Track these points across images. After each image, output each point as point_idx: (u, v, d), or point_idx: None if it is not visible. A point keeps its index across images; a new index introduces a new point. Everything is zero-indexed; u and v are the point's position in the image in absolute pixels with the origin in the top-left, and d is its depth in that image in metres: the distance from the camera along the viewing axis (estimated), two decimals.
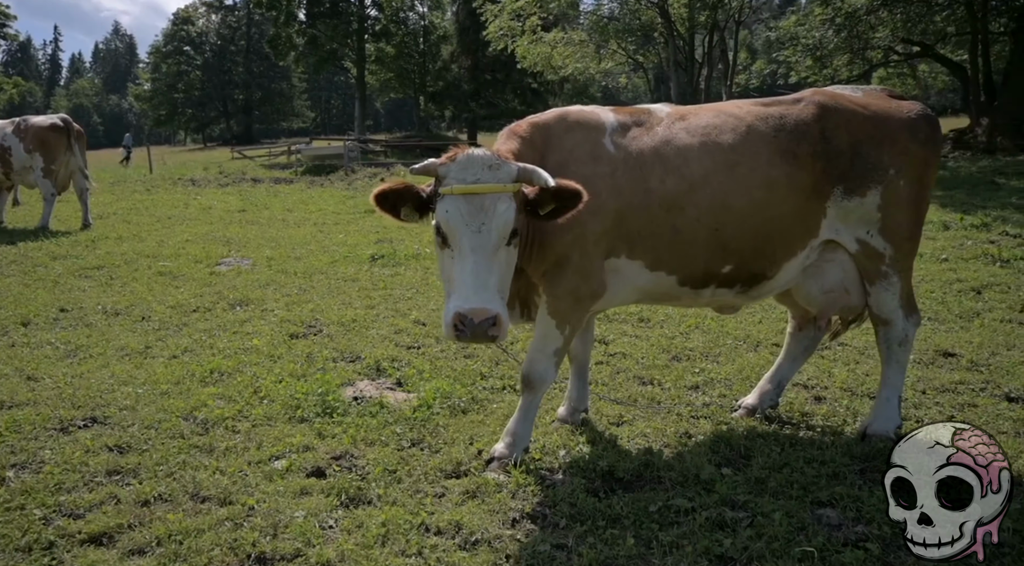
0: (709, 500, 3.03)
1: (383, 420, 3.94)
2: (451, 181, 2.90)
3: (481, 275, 2.81)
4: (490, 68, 44.83)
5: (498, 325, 2.78)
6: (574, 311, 3.35)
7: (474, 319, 2.74)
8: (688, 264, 3.36)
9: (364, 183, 20.03)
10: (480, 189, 2.85)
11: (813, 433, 3.74)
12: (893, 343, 3.60)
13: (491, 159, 2.91)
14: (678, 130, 3.37)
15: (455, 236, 2.86)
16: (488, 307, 2.76)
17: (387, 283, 7.54)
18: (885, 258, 3.46)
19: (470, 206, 2.83)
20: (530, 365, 3.43)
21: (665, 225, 3.28)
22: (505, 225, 2.85)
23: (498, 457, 3.42)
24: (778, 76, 27.68)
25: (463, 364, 4.96)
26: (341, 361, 5.09)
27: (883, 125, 3.40)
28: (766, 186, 3.28)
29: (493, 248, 2.85)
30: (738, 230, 3.29)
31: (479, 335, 2.77)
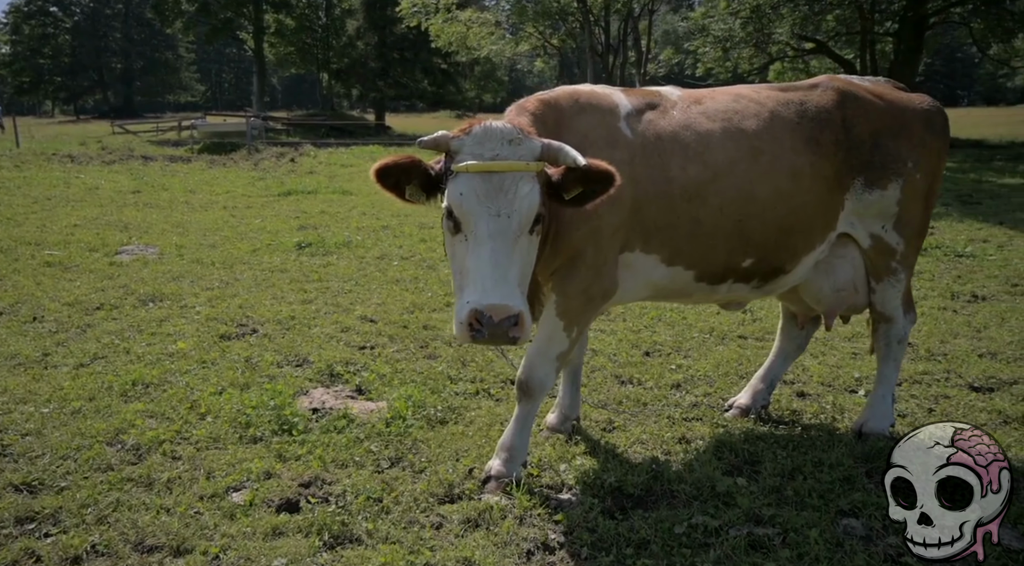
0: (732, 515, 2.83)
1: (352, 436, 3.48)
2: (466, 157, 2.51)
3: (501, 266, 2.44)
4: (398, 46, 43.35)
5: (520, 325, 2.42)
6: (584, 311, 3.03)
7: (493, 317, 2.37)
8: (708, 258, 3.11)
9: (272, 163, 18.76)
10: (500, 167, 2.48)
11: (810, 433, 3.63)
12: (893, 341, 3.53)
13: (512, 132, 2.55)
14: (696, 114, 3.10)
15: (471, 221, 2.48)
16: (509, 303, 2.39)
17: (320, 274, 6.92)
18: (896, 254, 3.37)
19: (488, 186, 2.46)
20: (530, 370, 3.08)
21: (686, 216, 3.01)
22: (529, 209, 2.49)
23: (495, 476, 3.07)
24: (686, 66, 28.48)
25: (426, 366, 4.54)
26: (287, 366, 4.54)
27: (900, 116, 3.28)
28: (791, 175, 3.08)
29: (514, 235, 2.48)
30: (762, 222, 3.07)
31: (498, 336, 2.40)
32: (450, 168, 2.55)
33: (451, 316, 5.61)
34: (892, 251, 3.37)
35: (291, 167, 17.92)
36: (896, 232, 3.34)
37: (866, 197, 3.25)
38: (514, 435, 3.14)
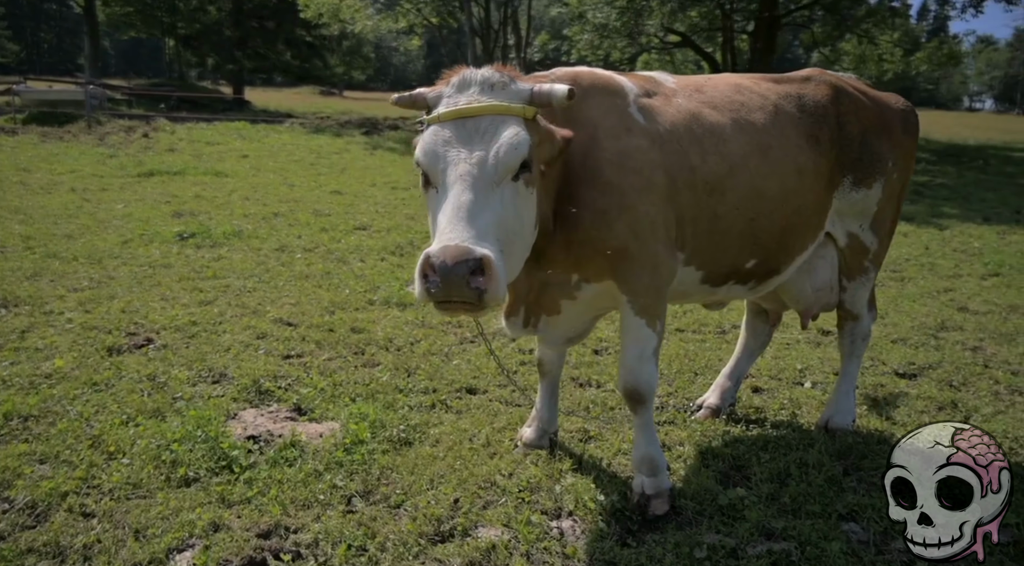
0: (744, 531, 2.71)
1: (309, 469, 3.00)
2: (440, 108, 2.22)
3: (465, 209, 2.03)
4: (256, 14, 40.22)
5: (487, 275, 1.93)
6: (658, 303, 2.75)
7: (446, 259, 1.90)
8: (718, 258, 2.94)
9: (121, 138, 16.64)
10: (475, 110, 2.17)
11: (781, 431, 3.63)
12: (858, 338, 3.60)
13: (495, 76, 2.26)
14: (701, 104, 2.90)
15: (439, 168, 2.15)
16: (466, 245, 1.94)
17: (214, 270, 6.12)
18: (869, 253, 3.40)
19: (460, 131, 2.16)
20: (634, 376, 2.78)
21: (707, 211, 2.80)
22: (509, 151, 2.13)
23: (654, 494, 2.82)
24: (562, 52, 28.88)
25: (368, 376, 4.07)
26: (201, 383, 3.89)
27: (883, 115, 3.30)
28: (796, 172, 2.98)
29: (490, 180, 2.12)
30: (769, 220, 2.94)
31: (456, 286, 1.91)
32: (421, 124, 2.27)
33: (379, 315, 5.17)
34: (866, 250, 3.41)
35: (145, 143, 16.01)
36: (871, 231, 3.38)
37: (852, 196, 3.24)
38: (647, 445, 2.88)
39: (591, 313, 2.97)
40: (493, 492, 2.96)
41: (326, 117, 24.96)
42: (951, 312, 5.98)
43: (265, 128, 19.91)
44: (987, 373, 4.59)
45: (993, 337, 5.41)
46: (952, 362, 4.76)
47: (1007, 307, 6.25)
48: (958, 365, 4.70)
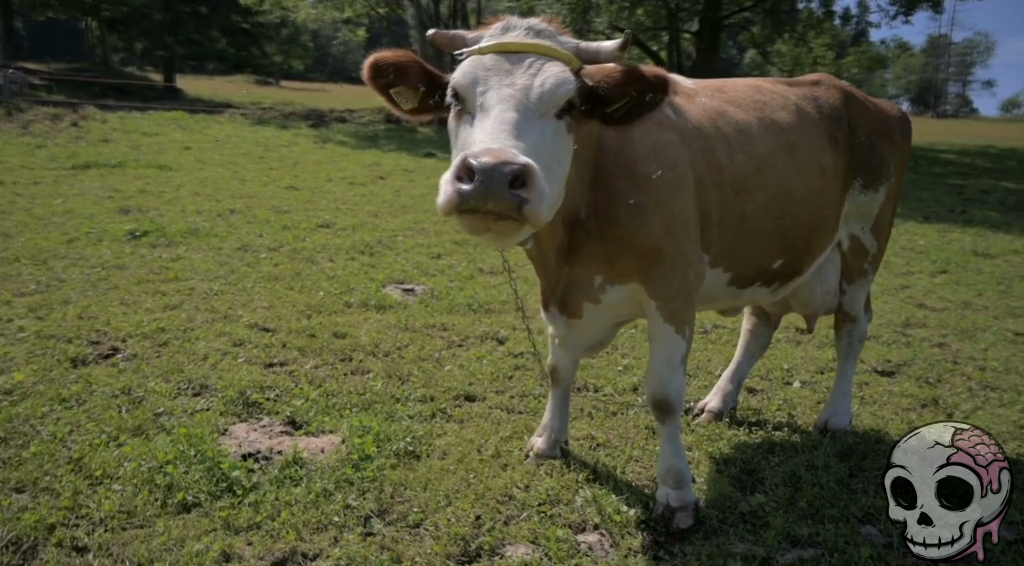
0: (772, 539, 2.71)
1: (318, 488, 2.82)
2: (483, 44, 2.07)
3: (509, 123, 1.87)
4: None
5: (529, 184, 1.73)
6: (687, 308, 2.68)
7: (488, 160, 1.69)
8: (746, 259, 2.91)
9: (46, 127, 15.59)
10: (520, 46, 2.02)
11: (783, 433, 3.67)
12: (855, 340, 3.66)
13: (542, 25, 2.12)
14: (725, 103, 2.86)
15: (477, 91, 1.97)
16: (512, 150, 1.76)
17: (174, 271, 5.77)
18: (869, 255, 3.46)
19: (506, 62, 2.00)
20: (663, 386, 2.71)
21: (735, 211, 2.76)
22: (555, 85, 1.97)
23: (679, 507, 2.76)
24: None
25: (360, 384, 3.90)
26: (182, 396, 3.63)
27: (884, 120, 3.35)
28: (820, 172, 2.98)
29: (534, 109, 1.95)
30: (796, 221, 2.93)
31: (494, 192, 1.69)
32: (459, 55, 2.10)
33: (360, 319, 4.98)
34: (866, 252, 3.47)
35: (76, 133, 15.05)
36: (872, 234, 3.44)
37: (860, 199, 3.29)
38: (673, 456, 2.82)
39: (613, 320, 2.91)
40: (512, 506, 2.86)
41: (268, 108, 24.11)
42: (912, 309, 6.23)
43: (205, 118, 19.06)
44: (958, 369, 4.78)
45: (955, 333, 5.66)
46: (924, 359, 4.94)
47: (961, 304, 6.56)
48: (930, 362, 4.89)
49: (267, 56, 43.19)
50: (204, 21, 38.45)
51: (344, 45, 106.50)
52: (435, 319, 5.11)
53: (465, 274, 6.34)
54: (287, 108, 24.34)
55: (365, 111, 22.79)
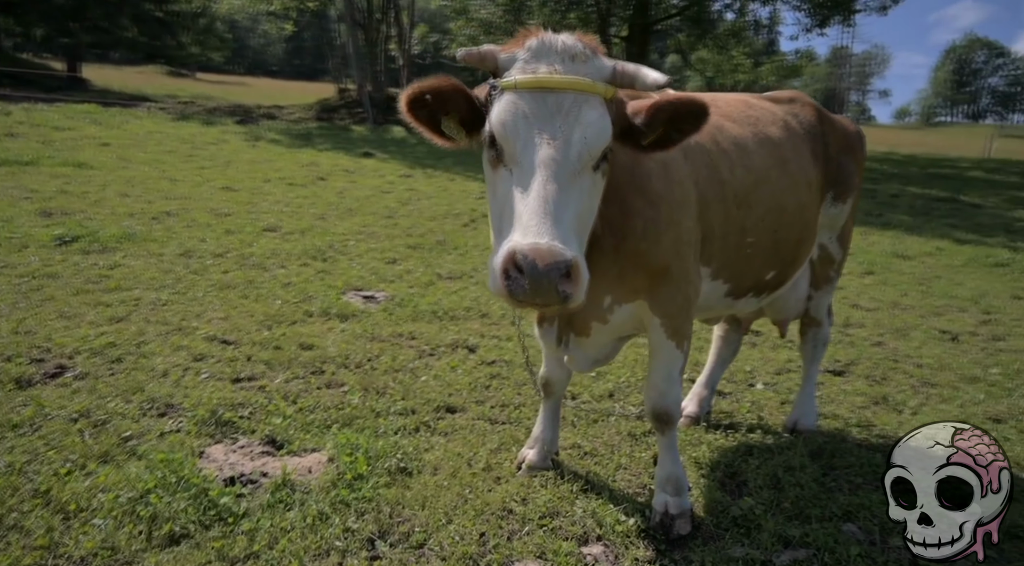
0: (766, 541, 2.80)
1: (313, 511, 2.72)
2: (515, 73, 2.01)
3: (552, 201, 1.85)
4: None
5: (574, 279, 1.78)
6: (687, 323, 2.73)
7: (537, 262, 1.73)
8: (745, 271, 2.98)
9: None
10: (558, 82, 1.96)
11: (756, 435, 3.81)
12: (820, 343, 3.85)
13: (577, 46, 2.04)
14: (722, 117, 2.93)
15: (517, 146, 1.95)
16: (558, 246, 1.78)
17: (115, 281, 5.41)
18: (835, 263, 3.64)
19: (543, 107, 1.95)
20: (663, 398, 2.75)
21: (736, 224, 2.82)
22: (595, 138, 1.96)
23: (678, 515, 2.81)
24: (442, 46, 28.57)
25: (336, 399, 3.78)
26: (147, 417, 3.42)
27: (848, 136, 3.52)
28: (807, 187, 3.10)
29: (573, 169, 1.94)
30: (787, 233, 3.03)
31: (544, 290, 1.75)
32: (495, 86, 2.03)
33: (324, 329, 4.82)
34: (833, 261, 3.65)
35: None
36: (838, 243, 3.62)
37: (832, 210, 3.45)
38: (672, 464, 2.88)
39: (617, 335, 2.93)
40: (513, 521, 2.85)
41: (188, 102, 22.98)
42: (849, 310, 6.60)
43: (121, 113, 17.94)
44: (899, 367, 5.11)
45: (890, 332, 6.04)
46: (868, 358, 5.25)
47: (890, 304, 7.01)
48: (874, 361, 5.20)
49: (183, 47, 41.06)
50: (113, 8, 36.09)
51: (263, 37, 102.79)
52: (401, 327, 5.01)
53: (424, 280, 6.25)
54: (209, 102, 23.28)
55: (294, 108, 22.08)
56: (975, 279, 8.36)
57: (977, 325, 6.48)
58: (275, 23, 32.95)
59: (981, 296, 7.51)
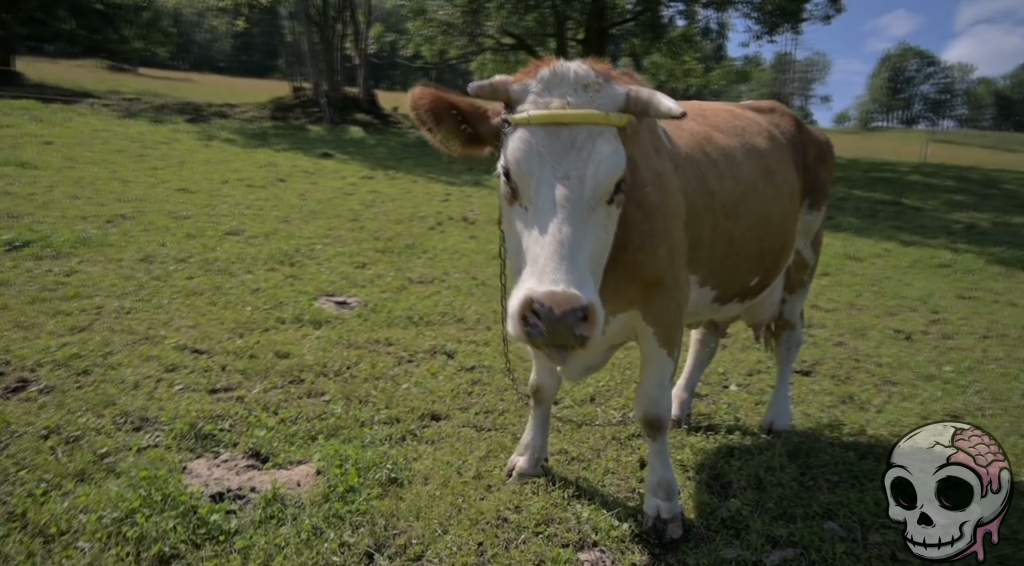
0: (756, 542, 2.88)
1: (306, 526, 2.67)
2: (528, 107, 2.02)
3: (567, 244, 1.89)
4: None
5: (590, 321, 1.84)
6: (679, 331, 2.78)
7: (554, 309, 1.79)
8: (732, 278, 3.05)
9: None
10: (571, 117, 1.97)
11: (735, 436, 3.90)
12: (793, 345, 3.98)
13: (589, 75, 2.05)
14: (710, 128, 2.99)
15: (531, 186, 1.97)
16: (575, 291, 1.83)
17: (73, 288, 5.19)
18: (808, 268, 3.76)
19: (556, 142, 1.97)
20: (655, 405, 2.79)
21: (724, 234, 2.88)
22: (609, 173, 1.98)
23: (671, 519, 2.85)
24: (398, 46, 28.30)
25: (318, 408, 3.72)
26: (122, 432, 3.29)
27: (821, 145, 3.64)
28: (790, 195, 3.19)
29: (587, 206, 1.97)
30: (772, 242, 3.11)
31: (561, 334, 1.81)
32: (507, 121, 2.05)
33: (298, 336, 4.73)
34: (806, 266, 3.77)
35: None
36: (811, 248, 3.75)
37: (808, 218, 3.57)
38: (664, 470, 2.93)
39: (610, 344, 2.96)
40: (509, 530, 2.85)
41: (134, 98, 22.14)
42: (810, 311, 6.82)
43: (63, 109, 17.17)
44: (861, 366, 5.31)
45: (849, 332, 6.28)
46: (832, 358, 5.44)
47: (847, 304, 7.28)
48: (838, 360, 5.39)
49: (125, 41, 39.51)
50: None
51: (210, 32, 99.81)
52: (377, 334, 4.95)
53: (396, 285, 6.19)
54: (156, 99, 22.49)
55: (247, 106, 21.53)
56: (922, 280, 8.76)
57: (927, 324, 6.79)
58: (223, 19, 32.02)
59: (929, 296, 7.87)
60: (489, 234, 8.96)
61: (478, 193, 12.18)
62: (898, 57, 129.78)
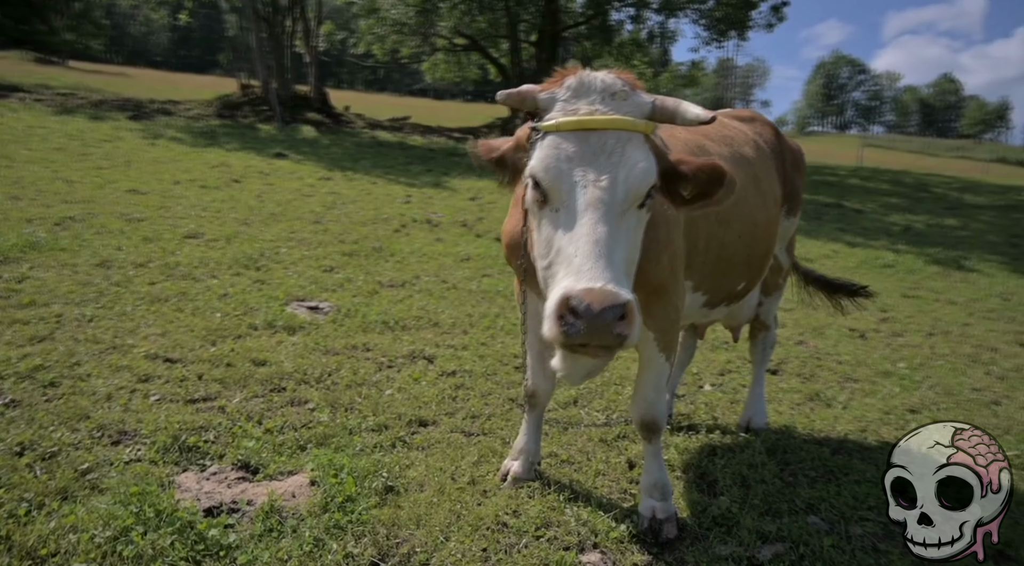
0: (748, 538, 2.97)
1: (308, 538, 2.62)
2: (556, 114, 2.04)
3: (602, 243, 1.87)
4: None
5: (628, 320, 1.80)
6: (676, 336, 2.84)
7: (592, 305, 1.75)
8: (722, 283, 3.13)
9: None
10: (600, 123, 1.98)
11: (716, 435, 4.01)
12: (768, 346, 4.12)
13: (616, 83, 2.06)
14: (700, 136, 3.06)
15: (562, 188, 1.97)
16: (612, 288, 1.80)
17: (28, 294, 4.94)
18: (783, 271, 3.91)
19: (585, 148, 1.98)
20: (652, 408, 2.84)
21: (717, 240, 2.96)
22: (640, 177, 1.98)
23: (665, 519, 2.90)
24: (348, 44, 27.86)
25: (303, 417, 3.65)
26: (100, 446, 3.16)
27: (795, 153, 3.79)
28: (774, 202, 3.30)
29: (620, 208, 1.96)
30: (759, 247, 3.21)
31: (600, 332, 1.77)
32: (535, 128, 2.07)
33: (273, 342, 4.62)
34: (781, 269, 3.92)
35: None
36: (786, 253, 3.90)
37: (785, 223, 3.70)
38: (659, 471, 2.98)
39: None
40: (510, 534, 2.86)
41: (68, 93, 21.06)
42: None
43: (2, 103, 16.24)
44: (823, 364, 5.54)
45: (809, 332, 6.54)
46: (795, 357, 5.66)
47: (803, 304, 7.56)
48: (801, 359, 5.61)
49: (55, 32, 37.62)
50: None
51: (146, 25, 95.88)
52: (354, 339, 4.89)
53: (367, 289, 6.11)
54: (94, 95, 21.47)
55: (192, 103, 20.82)
56: (868, 279, 9.16)
57: (878, 323, 7.14)
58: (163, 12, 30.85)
59: (876, 295, 8.25)
60: (455, 236, 8.95)
61: (439, 195, 12.13)
62: (832, 65, 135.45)
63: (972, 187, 24.76)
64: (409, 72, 43.76)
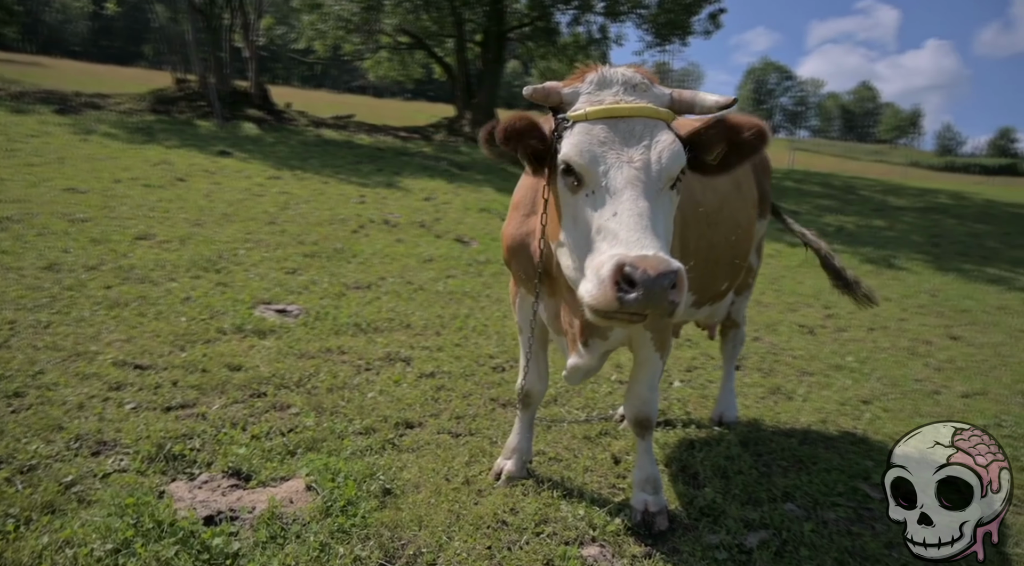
0: (734, 526, 3.12)
1: (315, 544, 2.60)
2: (583, 105, 2.10)
3: (647, 216, 1.90)
4: None
5: (679, 288, 1.80)
6: (670, 336, 2.94)
7: (649, 271, 1.76)
8: (709, 283, 3.24)
9: None
10: (627, 110, 2.05)
11: (692, 429, 4.17)
12: (738, 343, 4.31)
13: (636, 77, 2.13)
14: None
15: (598, 170, 2.00)
16: (664, 256, 1.81)
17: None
18: (754, 272, 4.09)
19: (615, 133, 2.03)
20: (645, 406, 2.94)
21: (706, 241, 3.06)
22: (671, 159, 2.02)
23: (658, 511, 3.02)
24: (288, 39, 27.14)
25: (288, 421, 3.60)
26: (80, 457, 3.04)
27: (764, 158, 3.93)
28: (754, 204, 3.44)
29: (656, 187, 1.99)
30: (741, 248, 3.34)
31: (657, 299, 1.77)
32: (563, 120, 2.11)
33: (244, 347, 4.52)
34: (752, 270, 4.10)
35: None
36: (756, 254, 4.08)
37: (757, 225, 3.88)
38: (651, 466, 3.09)
39: (608, 349, 3.09)
40: (510, 531, 2.92)
41: None
42: None
43: None
44: (780, 360, 5.82)
45: (763, 328, 6.83)
46: (754, 353, 5.91)
47: (754, 302, 7.90)
48: (760, 355, 5.87)
49: None
50: None
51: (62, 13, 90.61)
52: (328, 342, 4.83)
53: (334, 291, 6.03)
54: (12, 86, 20.20)
55: (122, 97, 19.85)
56: (811, 278, 9.64)
57: (824, 318, 7.53)
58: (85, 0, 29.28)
59: (819, 293, 8.69)
60: (415, 237, 8.90)
61: (393, 195, 12.02)
62: (760, 70, 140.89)
63: (894, 190, 26.29)
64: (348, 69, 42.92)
